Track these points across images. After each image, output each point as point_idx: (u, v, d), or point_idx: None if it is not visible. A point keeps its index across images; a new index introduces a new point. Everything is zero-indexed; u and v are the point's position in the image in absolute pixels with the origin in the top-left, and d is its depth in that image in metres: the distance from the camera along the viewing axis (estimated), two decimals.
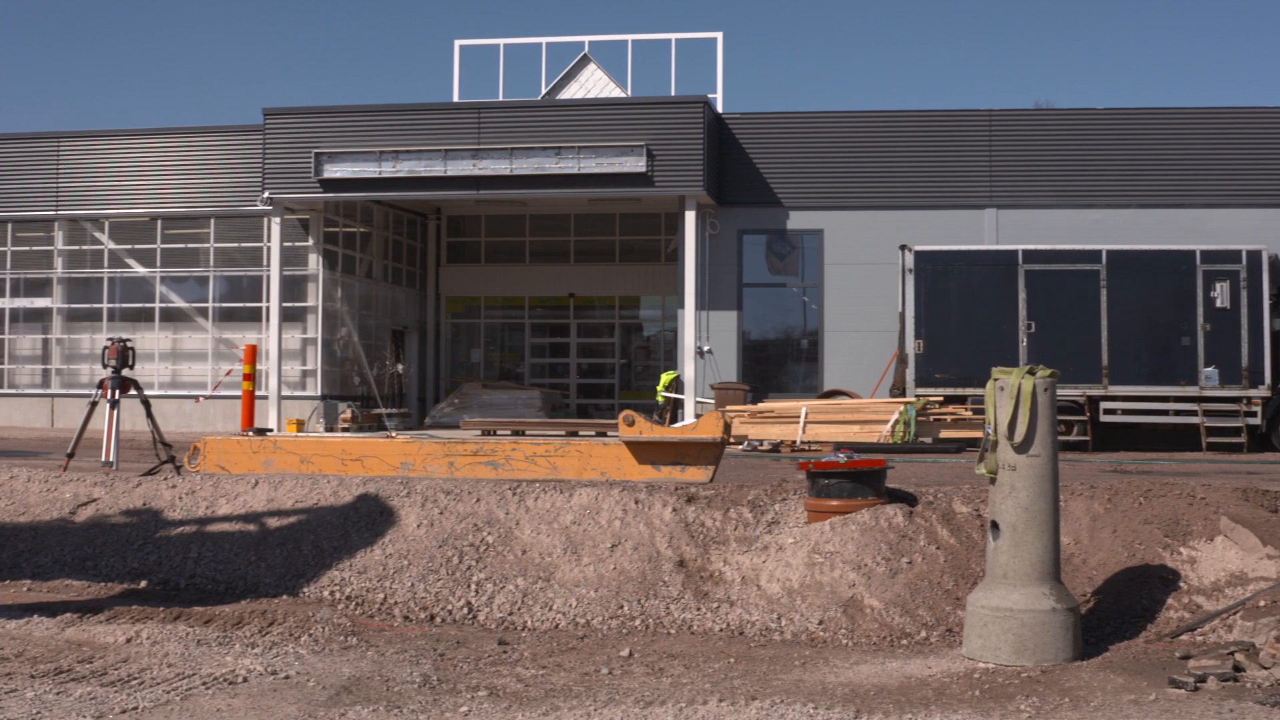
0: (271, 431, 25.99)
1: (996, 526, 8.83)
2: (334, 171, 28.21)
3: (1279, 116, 27.75)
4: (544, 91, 32.62)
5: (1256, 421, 23.31)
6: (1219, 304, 23.38)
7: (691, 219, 27.56)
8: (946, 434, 22.40)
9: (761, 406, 23.55)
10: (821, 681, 8.21)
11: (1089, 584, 9.90)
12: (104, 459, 14.95)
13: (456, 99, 32.51)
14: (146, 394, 15.86)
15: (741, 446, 22.30)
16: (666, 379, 28.62)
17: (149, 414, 15.40)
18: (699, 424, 13.28)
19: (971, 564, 10.09)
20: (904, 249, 24.42)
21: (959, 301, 24.26)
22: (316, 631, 9.44)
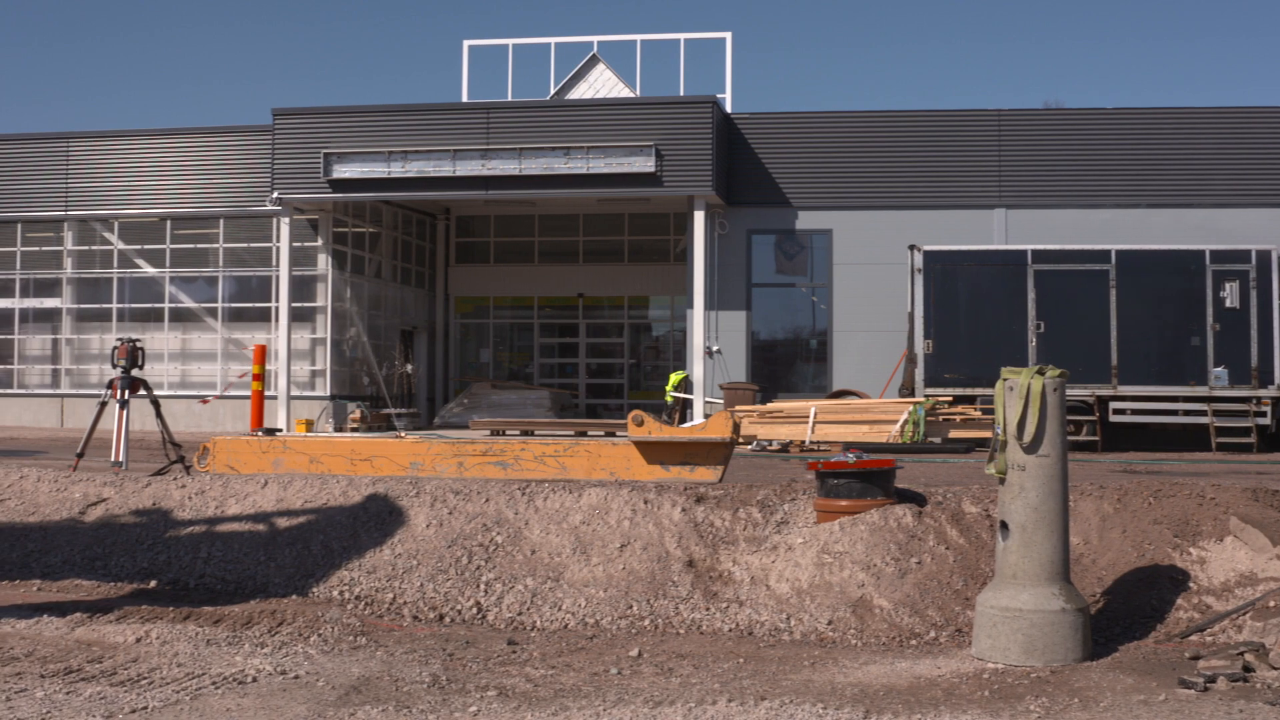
0: (281, 431, 26.04)
1: (1006, 526, 8.82)
2: (343, 172, 28.23)
3: None
4: (553, 91, 32.63)
5: (1266, 422, 23.25)
6: (1228, 304, 23.33)
7: (700, 219, 27.55)
8: (955, 434, 22.40)
9: (770, 406, 23.55)
10: (831, 682, 8.21)
11: (1098, 584, 9.90)
12: (113, 459, 14.98)
13: (465, 99, 32.52)
14: (156, 394, 15.89)
15: (750, 446, 22.29)
16: (675, 379, 28.62)
17: (158, 414, 15.42)
18: (708, 424, 13.27)
19: (981, 564, 10.08)
20: (913, 249, 24.39)
21: (968, 301, 24.23)
22: (326, 631, 9.45)
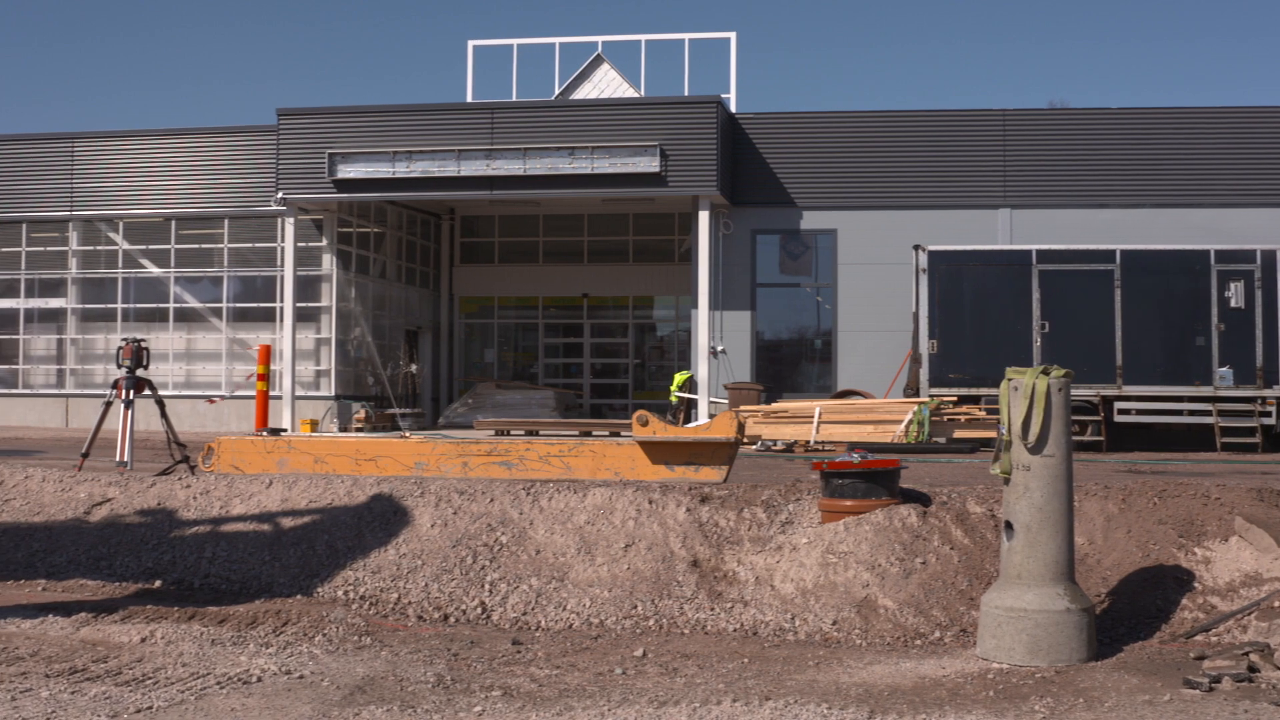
0: (285, 431, 26.05)
1: (1010, 527, 8.82)
2: (348, 172, 28.24)
3: None
4: (557, 92, 32.62)
5: (1271, 421, 23.20)
6: (1233, 304, 23.30)
7: (705, 219, 27.54)
8: (960, 434, 22.36)
9: (775, 406, 23.52)
10: (835, 682, 8.21)
11: (1103, 584, 9.89)
12: (119, 459, 14.98)
13: (470, 99, 32.52)
14: (161, 394, 15.90)
15: (755, 446, 22.27)
16: (680, 379, 28.60)
17: (163, 414, 15.42)
18: (713, 424, 13.27)
19: (986, 564, 10.08)
20: (918, 249, 24.37)
21: (973, 301, 24.21)
22: (331, 631, 9.45)
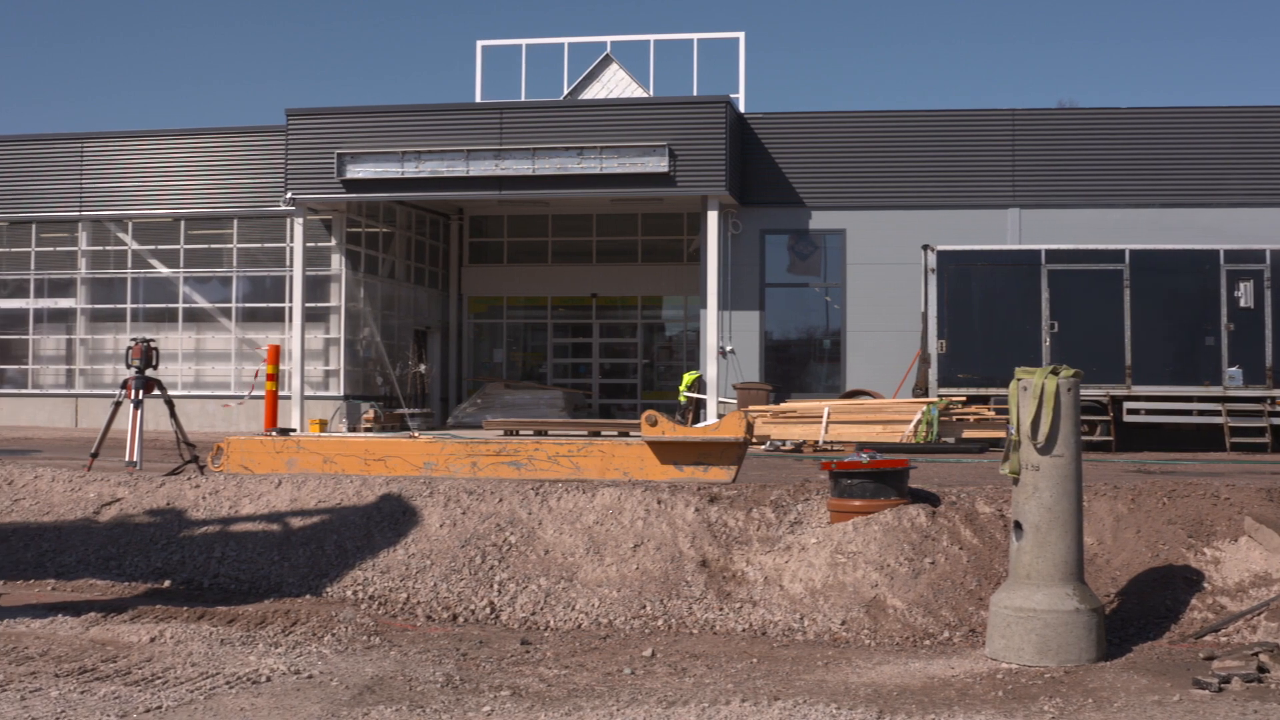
0: (294, 431, 26.08)
1: (1020, 526, 8.81)
2: (357, 172, 28.25)
3: None
4: (566, 92, 32.63)
5: None
6: (1243, 304, 23.25)
7: (714, 219, 27.52)
8: (969, 434, 22.36)
9: (784, 406, 23.52)
10: (844, 682, 8.20)
11: (1112, 584, 9.88)
12: (128, 459, 15.00)
13: (479, 99, 32.53)
14: (170, 394, 15.92)
15: (764, 446, 22.27)
16: (689, 379, 28.61)
17: (172, 414, 15.44)
18: (721, 424, 13.27)
19: (994, 564, 10.07)
20: (926, 249, 24.35)
21: (982, 301, 24.18)
22: (340, 631, 9.46)
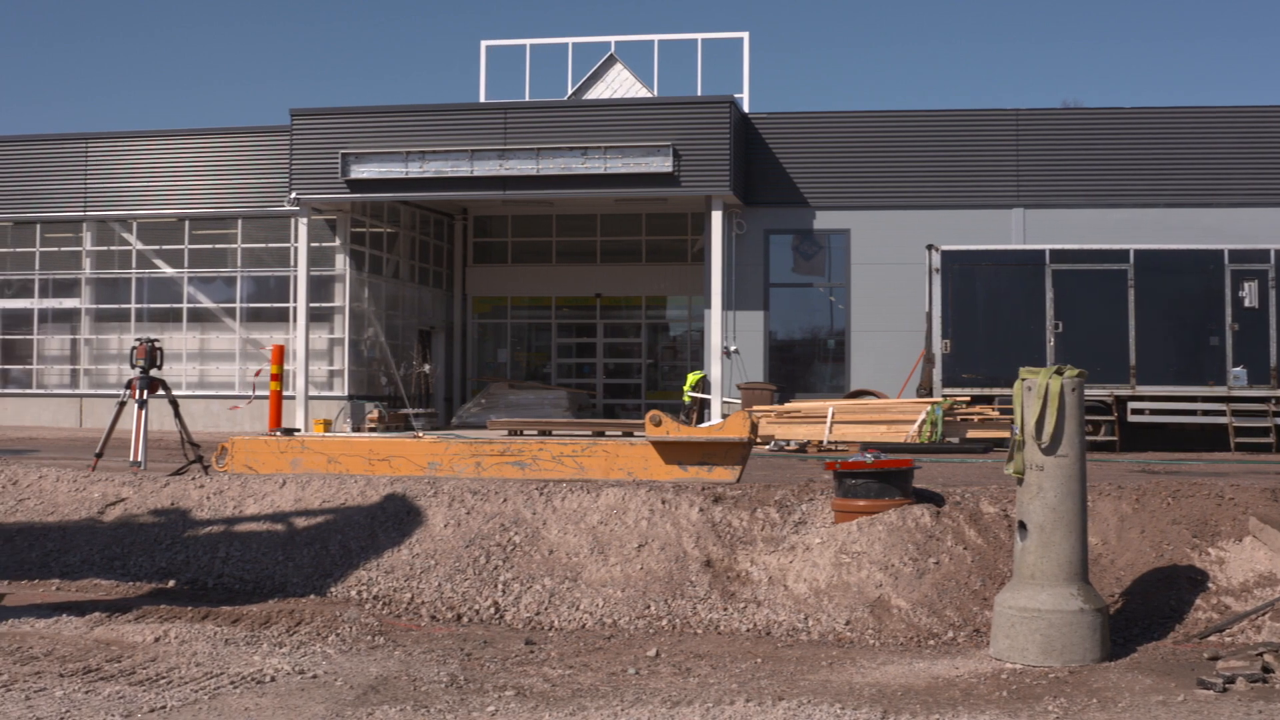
0: (298, 431, 26.08)
1: (1024, 527, 8.81)
2: (361, 172, 28.26)
3: None
4: (570, 92, 32.64)
5: None
6: (1247, 303, 23.23)
7: (718, 219, 27.53)
8: (973, 434, 22.35)
9: (788, 406, 23.52)
10: (849, 682, 8.20)
11: (1117, 584, 9.87)
12: (132, 459, 15.00)
13: (483, 99, 32.55)
14: (174, 394, 15.93)
15: (768, 446, 22.26)
16: (693, 379, 28.60)
17: (177, 414, 15.44)
18: (726, 424, 13.26)
19: (999, 564, 10.06)
20: (931, 249, 24.34)
21: (986, 301, 24.17)
22: (344, 631, 9.47)
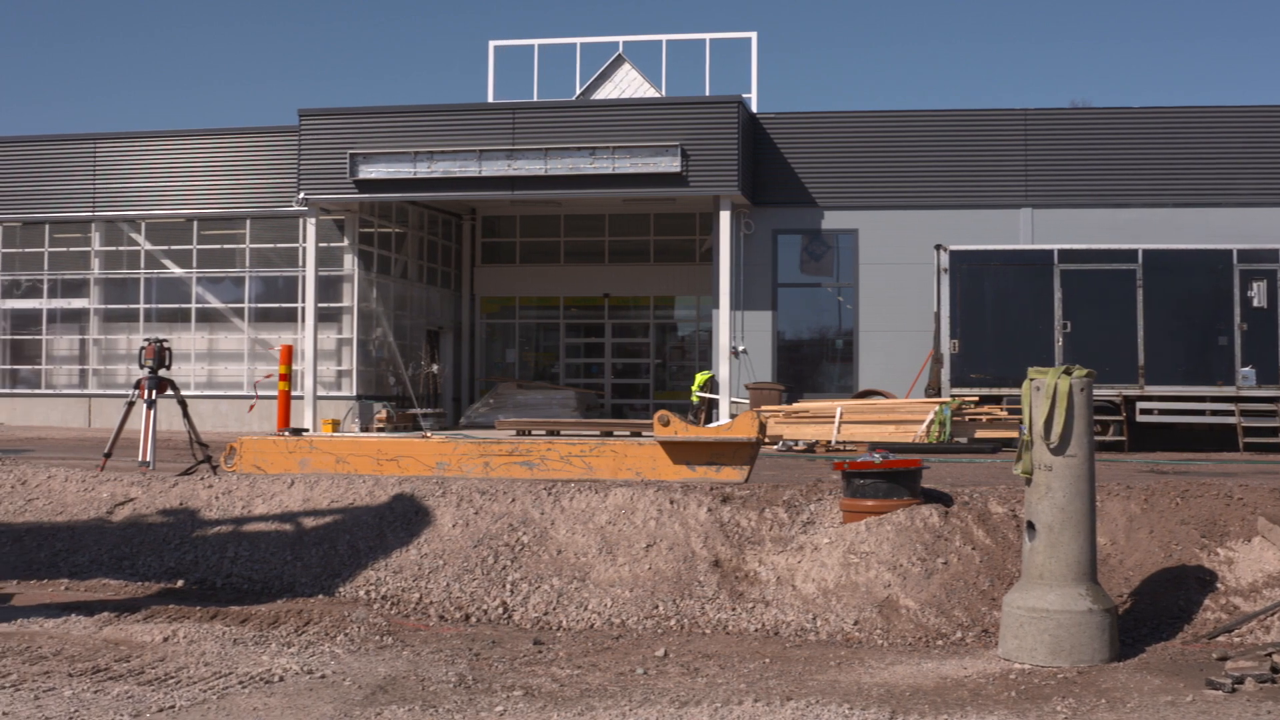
0: (307, 431, 26.11)
1: (1032, 527, 8.79)
2: (369, 172, 28.29)
3: None
4: (578, 92, 32.65)
5: None
6: (1256, 303, 23.20)
7: (726, 219, 27.52)
8: (982, 434, 22.32)
9: (796, 406, 23.50)
10: (857, 682, 8.19)
11: (1125, 585, 9.85)
12: (141, 459, 15.02)
13: (491, 99, 32.57)
14: (183, 394, 15.94)
15: (776, 446, 22.25)
16: (701, 379, 28.61)
17: (185, 414, 15.47)
18: (734, 424, 13.25)
19: (1007, 564, 10.05)
20: (939, 249, 24.33)
21: (994, 301, 24.16)
22: (352, 631, 9.47)
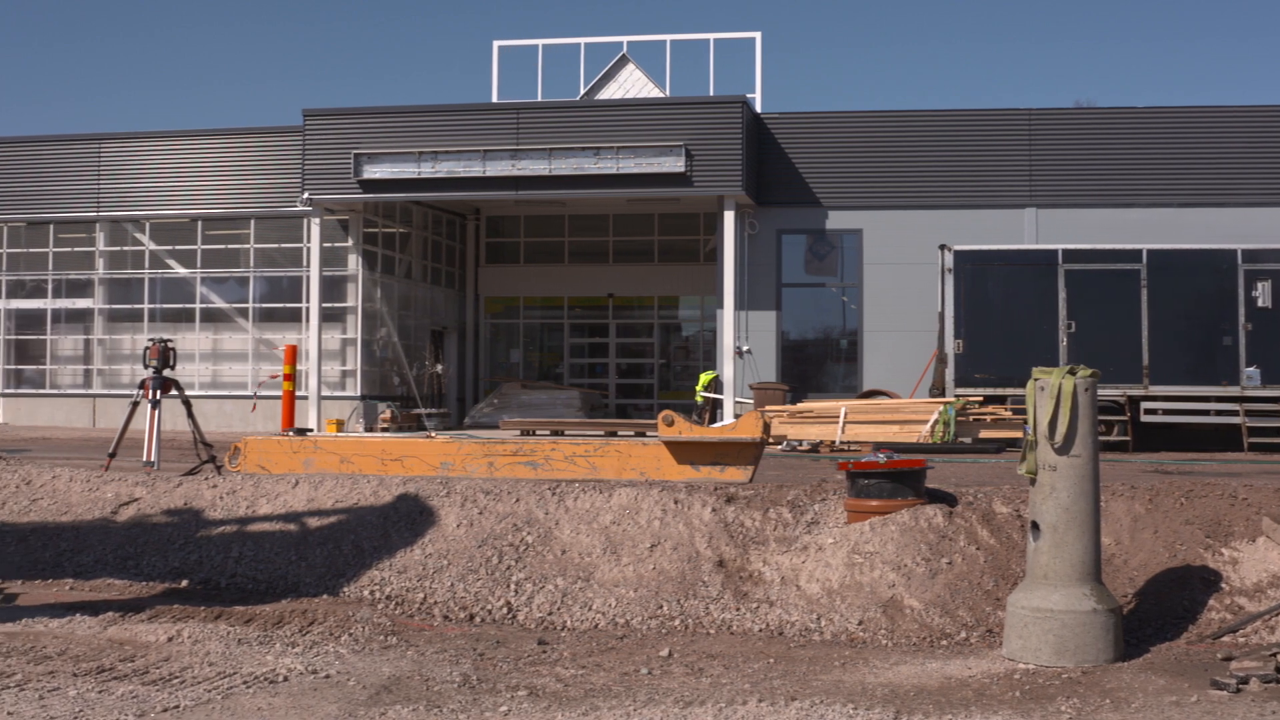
0: (311, 431, 26.12)
1: (1037, 527, 8.79)
2: (373, 172, 28.28)
3: None
4: (582, 92, 32.64)
5: None
6: (1260, 303, 23.17)
7: (730, 219, 27.51)
8: (986, 434, 22.31)
9: (800, 406, 23.50)
10: (861, 682, 8.19)
11: (1130, 585, 9.85)
12: (145, 459, 15.04)
13: (495, 99, 32.56)
14: (187, 394, 15.95)
15: (781, 446, 22.24)
16: (705, 379, 28.60)
17: (190, 414, 15.48)
18: (738, 424, 13.26)
19: (1012, 564, 10.05)
20: (943, 248, 24.31)
21: (999, 301, 24.13)
22: (357, 631, 9.48)
